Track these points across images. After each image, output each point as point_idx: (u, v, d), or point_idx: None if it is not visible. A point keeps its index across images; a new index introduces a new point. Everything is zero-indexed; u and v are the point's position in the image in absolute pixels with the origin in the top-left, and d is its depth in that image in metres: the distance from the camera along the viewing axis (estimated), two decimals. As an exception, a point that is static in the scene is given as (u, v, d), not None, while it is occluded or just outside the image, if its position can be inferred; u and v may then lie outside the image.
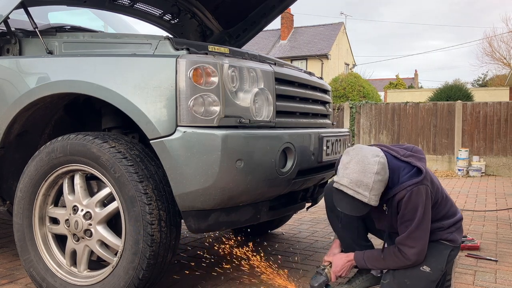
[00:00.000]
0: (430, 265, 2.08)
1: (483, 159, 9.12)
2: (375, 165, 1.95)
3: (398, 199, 2.03)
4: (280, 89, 2.26)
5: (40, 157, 2.13)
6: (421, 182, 2.00)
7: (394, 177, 2.04)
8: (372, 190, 1.94)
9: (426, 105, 9.74)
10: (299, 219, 4.22)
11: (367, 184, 1.94)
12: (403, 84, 28.89)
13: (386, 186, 2.03)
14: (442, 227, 2.15)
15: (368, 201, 1.95)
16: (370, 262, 2.16)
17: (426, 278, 2.07)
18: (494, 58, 29.88)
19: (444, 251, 2.14)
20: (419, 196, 1.99)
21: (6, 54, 2.44)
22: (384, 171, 1.98)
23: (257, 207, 2.21)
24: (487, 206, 5.18)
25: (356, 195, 1.95)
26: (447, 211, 2.18)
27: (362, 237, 2.35)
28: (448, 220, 2.17)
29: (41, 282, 2.17)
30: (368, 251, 2.21)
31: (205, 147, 1.85)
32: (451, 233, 2.16)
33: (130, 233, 1.94)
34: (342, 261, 2.22)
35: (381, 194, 2.00)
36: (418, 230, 2.01)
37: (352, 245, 2.32)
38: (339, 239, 2.38)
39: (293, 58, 27.51)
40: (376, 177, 1.95)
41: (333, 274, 2.23)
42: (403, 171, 2.05)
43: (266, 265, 2.39)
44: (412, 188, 1.99)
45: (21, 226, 2.22)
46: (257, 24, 3.48)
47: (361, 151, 2.01)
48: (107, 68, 2.02)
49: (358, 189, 1.94)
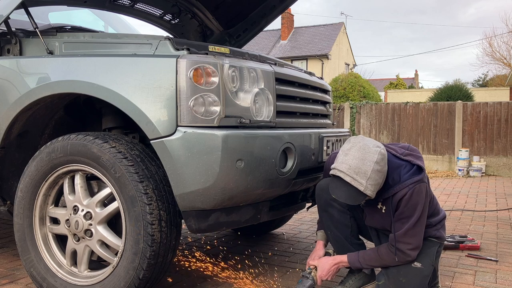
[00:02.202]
0: (421, 261, 2.12)
1: (484, 159, 9.12)
2: (376, 154, 1.95)
3: (399, 197, 2.03)
4: (281, 89, 2.26)
5: (41, 157, 2.13)
6: (422, 180, 2.03)
7: (395, 175, 2.05)
8: (370, 179, 1.93)
9: (427, 105, 9.74)
10: (299, 219, 4.22)
11: (365, 172, 1.93)
12: (404, 84, 28.88)
13: (386, 183, 2.04)
14: (431, 224, 2.20)
15: (364, 189, 1.94)
16: (366, 262, 2.15)
17: (420, 274, 2.10)
18: (494, 58, 29.89)
19: (432, 247, 2.19)
20: (419, 194, 2.02)
21: (6, 54, 2.44)
22: (383, 163, 1.98)
23: (257, 207, 2.21)
24: (488, 206, 5.17)
25: (353, 182, 1.94)
26: (434, 209, 2.23)
27: (355, 236, 2.36)
28: (435, 217, 2.23)
29: (41, 282, 2.17)
30: (361, 252, 2.20)
31: (206, 147, 1.85)
32: (438, 230, 2.23)
33: (131, 233, 1.94)
34: (328, 265, 2.20)
35: (378, 187, 1.99)
36: (416, 227, 2.04)
37: (346, 244, 2.31)
38: (331, 239, 2.36)
39: (294, 58, 27.51)
40: (375, 166, 1.94)
41: (319, 278, 2.21)
42: (404, 169, 2.06)
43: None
44: (414, 186, 2.01)
45: (22, 226, 2.22)
46: (257, 24, 3.48)
47: (363, 140, 2.02)
48: (107, 68, 2.02)
49: (355, 176, 1.93)
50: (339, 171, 1.97)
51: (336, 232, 2.33)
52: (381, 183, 2.01)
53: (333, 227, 2.33)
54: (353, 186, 1.95)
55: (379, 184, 1.99)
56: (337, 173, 1.99)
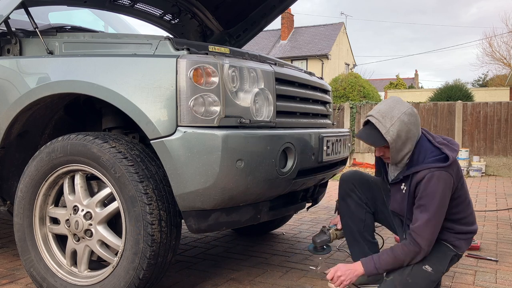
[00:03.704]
0: (432, 266, 2.07)
1: (483, 159, 9.12)
2: (407, 107, 2.04)
3: (418, 178, 2.01)
4: (281, 89, 2.26)
5: (41, 157, 2.13)
6: (445, 169, 1.98)
7: (420, 156, 2.05)
8: (393, 125, 1.99)
9: (427, 105, 9.74)
10: (299, 219, 4.22)
11: (391, 117, 2.00)
12: (403, 84, 28.89)
13: (411, 160, 2.05)
14: (452, 230, 2.12)
15: (386, 133, 1.99)
16: (383, 267, 2.07)
17: (428, 278, 2.06)
18: (494, 58, 29.90)
19: (447, 253, 2.12)
20: (439, 181, 1.97)
21: (6, 54, 2.44)
22: (413, 117, 2.03)
23: (257, 207, 2.21)
24: (488, 206, 5.18)
25: (377, 123, 2.02)
26: (464, 217, 2.13)
27: (368, 232, 2.35)
28: (461, 226, 2.13)
29: (41, 282, 2.17)
30: (376, 256, 2.09)
31: (206, 147, 1.85)
32: (459, 239, 2.13)
33: (131, 233, 1.95)
34: (346, 268, 2.08)
35: (401, 142, 2.01)
36: (434, 219, 1.98)
37: (357, 237, 2.31)
38: (345, 228, 2.37)
39: (294, 58, 27.51)
40: (403, 116, 2.01)
41: (332, 275, 2.08)
42: (431, 154, 2.04)
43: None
44: (434, 171, 1.98)
45: (22, 226, 2.22)
46: (257, 24, 3.48)
47: (400, 98, 2.11)
48: (107, 68, 2.02)
49: (381, 119, 2.02)
50: (369, 115, 2.07)
51: (349, 223, 2.35)
52: (404, 139, 2.02)
53: (347, 217, 2.36)
54: (376, 128, 2.02)
55: (402, 138, 2.01)
56: (367, 117, 2.08)
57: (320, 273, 2.21)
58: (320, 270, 2.21)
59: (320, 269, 2.21)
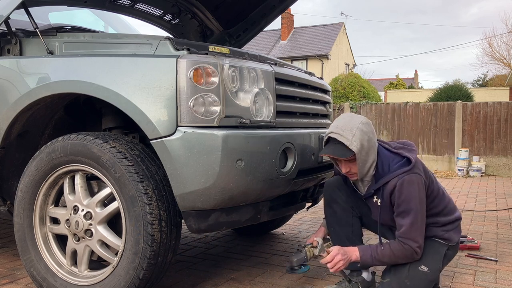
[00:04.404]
0: (427, 265, 2.08)
1: (483, 159, 9.12)
2: (362, 118, 2.11)
3: (390, 188, 2.05)
4: (281, 89, 2.26)
5: (41, 157, 2.13)
6: (412, 171, 2.04)
7: (384, 167, 2.09)
8: (355, 136, 2.03)
9: (426, 105, 9.74)
10: (299, 219, 4.22)
11: (351, 128, 2.05)
12: (403, 84, 28.89)
13: (377, 173, 2.09)
14: (437, 223, 2.16)
15: (350, 144, 2.02)
16: (379, 258, 2.07)
17: (426, 279, 2.07)
18: (494, 58, 29.90)
19: (439, 249, 2.14)
20: (411, 185, 2.01)
21: (6, 54, 2.45)
22: (369, 126, 2.09)
23: (257, 207, 2.21)
24: (487, 206, 5.18)
25: (339, 137, 2.05)
26: (444, 207, 2.18)
27: (357, 237, 2.34)
28: (444, 217, 2.18)
29: (41, 282, 2.17)
30: (374, 246, 2.10)
31: (206, 147, 1.85)
32: (447, 231, 2.17)
33: (131, 233, 1.95)
34: (343, 252, 2.07)
35: (364, 152, 2.04)
36: (417, 221, 2.02)
37: (346, 243, 2.29)
38: (333, 236, 2.35)
39: (293, 58, 27.51)
40: (361, 125, 2.06)
41: (327, 263, 2.07)
42: (393, 161, 2.10)
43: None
44: (403, 176, 2.02)
45: (22, 226, 2.22)
46: (257, 24, 3.48)
47: (353, 113, 2.18)
48: (107, 68, 2.02)
49: (342, 132, 2.05)
50: (329, 132, 2.10)
51: (338, 229, 2.33)
52: (367, 148, 2.05)
53: (335, 224, 2.34)
54: (340, 142, 2.05)
55: (365, 148, 2.04)
56: (327, 134, 2.11)
57: (318, 256, 2.22)
58: (318, 252, 2.23)
59: (319, 252, 2.23)
